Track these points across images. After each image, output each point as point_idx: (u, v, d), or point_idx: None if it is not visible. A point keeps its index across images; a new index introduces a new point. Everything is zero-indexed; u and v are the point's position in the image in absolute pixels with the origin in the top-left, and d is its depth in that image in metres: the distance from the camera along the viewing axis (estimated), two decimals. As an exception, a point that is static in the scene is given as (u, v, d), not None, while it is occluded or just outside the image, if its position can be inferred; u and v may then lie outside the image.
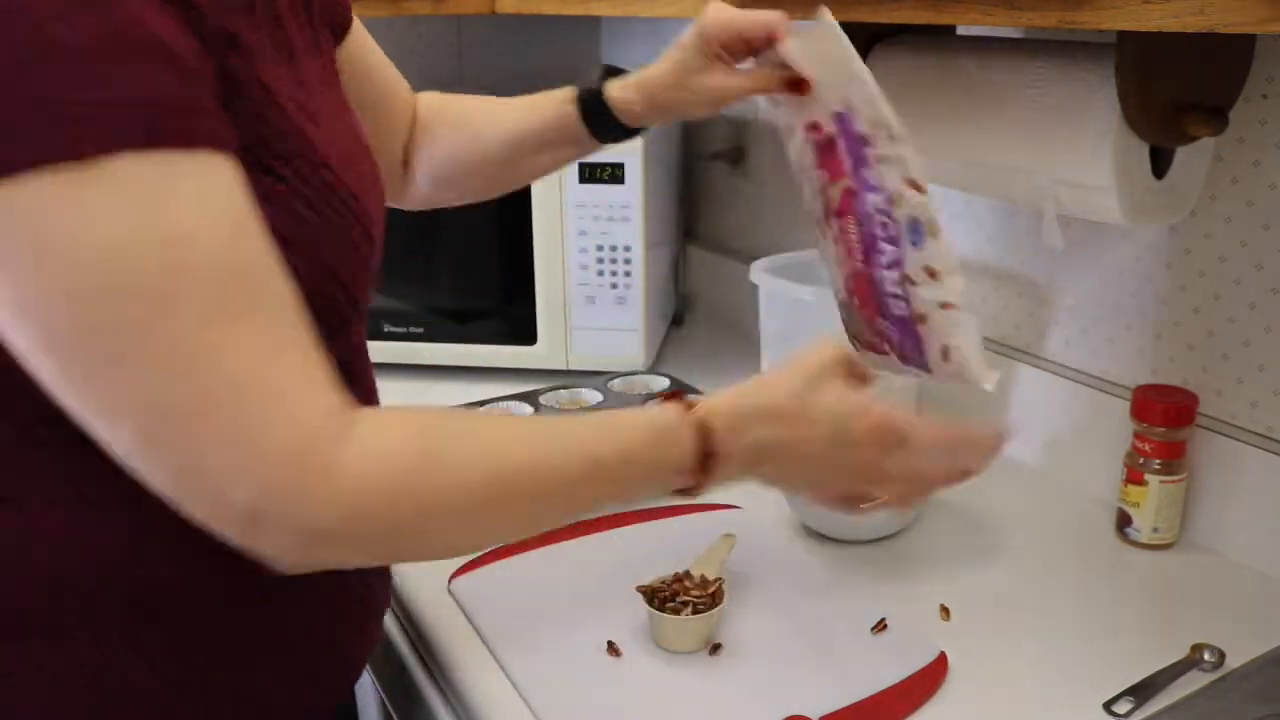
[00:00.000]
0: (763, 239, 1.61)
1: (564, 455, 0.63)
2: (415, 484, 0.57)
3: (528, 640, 0.86)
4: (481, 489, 0.60)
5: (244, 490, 0.53)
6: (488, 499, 0.60)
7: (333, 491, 0.54)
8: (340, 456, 0.55)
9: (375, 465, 0.56)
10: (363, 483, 0.55)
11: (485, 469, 0.60)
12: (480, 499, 0.60)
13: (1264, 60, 0.91)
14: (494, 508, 0.61)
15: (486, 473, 0.60)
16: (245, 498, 0.53)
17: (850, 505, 0.76)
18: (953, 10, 0.75)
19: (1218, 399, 1.00)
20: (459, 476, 0.59)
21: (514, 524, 0.64)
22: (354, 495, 0.55)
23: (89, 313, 0.50)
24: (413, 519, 0.58)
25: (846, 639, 0.86)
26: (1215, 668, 0.82)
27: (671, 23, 1.74)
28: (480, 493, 0.60)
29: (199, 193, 0.52)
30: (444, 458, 0.59)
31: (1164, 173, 0.89)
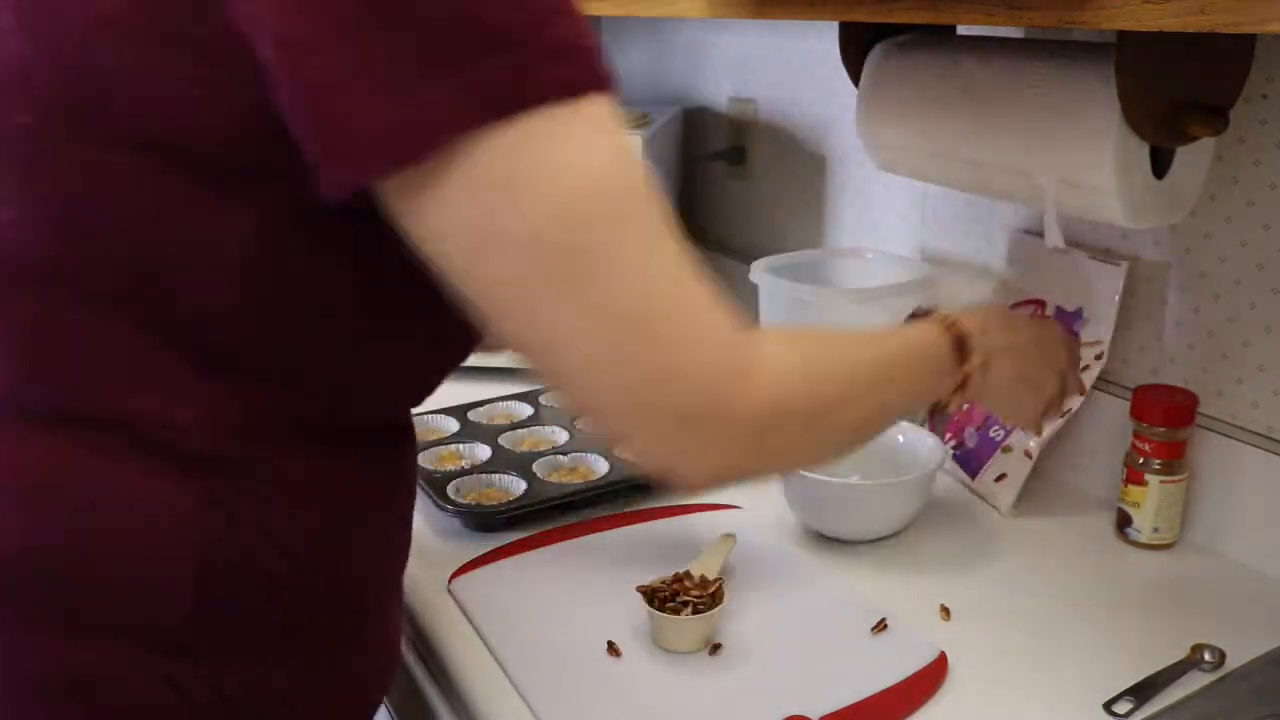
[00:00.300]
0: (763, 239, 1.61)
1: (888, 349, 0.75)
2: (819, 372, 0.67)
3: (528, 640, 0.86)
4: (857, 378, 0.70)
5: (691, 391, 0.58)
6: (866, 385, 0.70)
7: (762, 383, 0.61)
8: (760, 355, 0.62)
9: (787, 362, 0.64)
10: (784, 375, 0.63)
11: (853, 362, 0.70)
12: (861, 386, 0.70)
13: (1264, 60, 0.91)
14: (868, 395, 0.70)
15: (855, 365, 0.70)
16: (690, 400, 0.58)
17: (1049, 408, 0.89)
18: (953, 10, 0.75)
19: (1218, 399, 1.00)
20: (841, 370, 0.69)
21: (879, 413, 0.74)
22: (779, 386, 0.62)
23: (569, 235, 0.55)
24: (823, 406, 0.66)
25: (846, 639, 0.86)
26: (1215, 668, 0.82)
27: (671, 22, 1.74)
28: (861, 379, 0.70)
29: (621, 130, 0.59)
30: (823, 359, 0.68)
31: (1164, 173, 0.89)
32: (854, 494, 1.02)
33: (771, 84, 1.54)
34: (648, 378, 0.58)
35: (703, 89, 1.70)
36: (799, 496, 1.03)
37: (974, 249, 1.25)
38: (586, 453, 1.17)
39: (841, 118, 1.42)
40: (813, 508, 1.02)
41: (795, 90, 1.50)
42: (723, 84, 1.65)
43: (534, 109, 0.53)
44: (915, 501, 1.02)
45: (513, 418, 1.28)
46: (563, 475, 1.13)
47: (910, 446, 1.08)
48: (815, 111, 1.46)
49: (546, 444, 1.20)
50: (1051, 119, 0.89)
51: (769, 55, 1.54)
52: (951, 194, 1.26)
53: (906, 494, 1.01)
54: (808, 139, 1.49)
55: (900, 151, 1.08)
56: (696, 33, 1.69)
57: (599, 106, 0.56)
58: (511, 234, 0.54)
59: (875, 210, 1.38)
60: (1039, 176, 0.92)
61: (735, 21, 1.59)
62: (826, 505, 1.01)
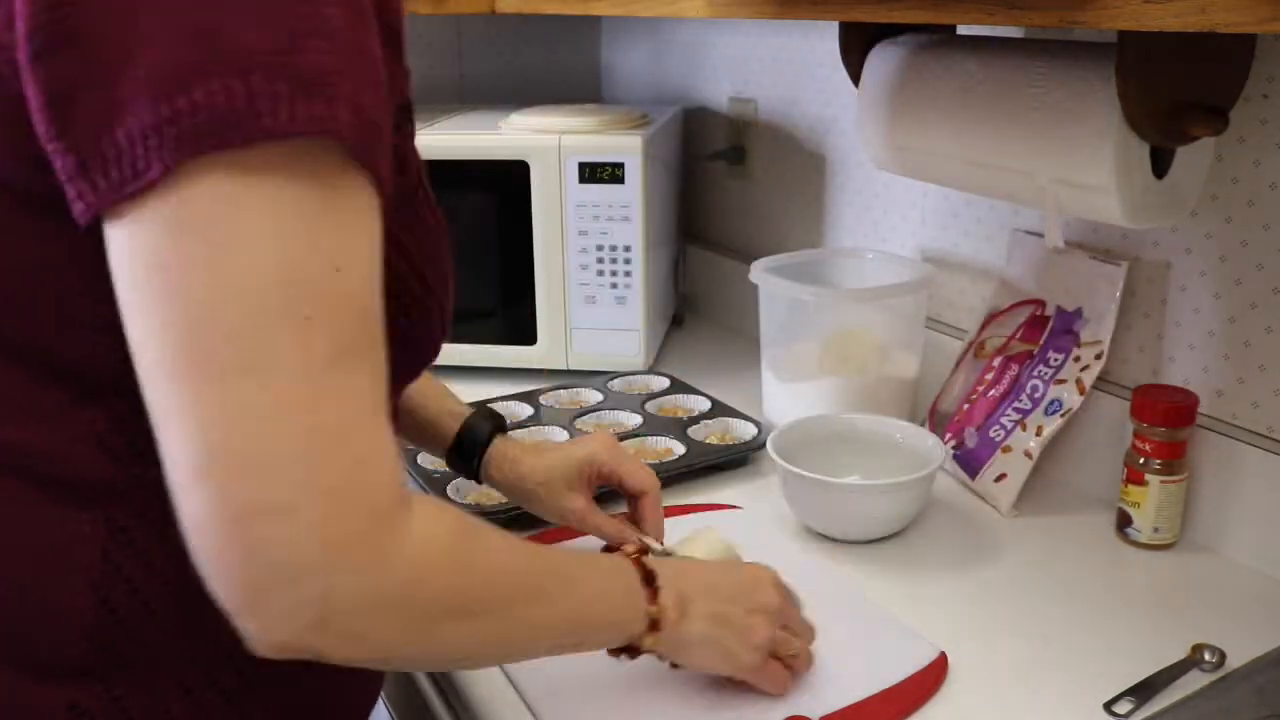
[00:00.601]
0: (763, 239, 1.61)
1: (562, 561, 0.69)
2: (467, 559, 0.59)
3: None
4: (512, 578, 0.62)
5: (310, 540, 0.51)
6: (516, 590, 0.62)
7: (395, 558, 0.54)
8: (408, 524, 0.55)
9: (436, 536, 0.57)
10: (427, 548, 0.56)
11: (515, 560, 0.63)
12: (511, 589, 0.62)
13: (1265, 60, 0.91)
14: (518, 602, 0.62)
15: (516, 564, 0.63)
16: (306, 554, 0.51)
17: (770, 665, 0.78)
18: (953, 10, 0.75)
19: (1218, 399, 1.00)
20: (496, 560, 0.62)
21: (527, 628, 0.64)
22: (419, 560, 0.55)
23: (240, 316, 0.49)
24: (461, 593, 0.59)
25: (846, 639, 0.86)
26: (1216, 668, 0.82)
27: (671, 23, 1.74)
28: (511, 582, 0.62)
29: (362, 228, 0.52)
30: (482, 542, 0.61)
31: (1164, 173, 0.89)
32: (854, 494, 1.02)
33: (771, 84, 1.54)
34: (246, 510, 0.49)
35: (703, 89, 1.70)
36: (799, 496, 1.03)
37: (974, 249, 1.25)
38: (586, 453, 1.17)
39: (841, 118, 1.42)
40: (813, 508, 1.02)
41: (795, 90, 1.50)
42: (723, 84, 1.65)
43: (258, 145, 0.48)
44: (915, 501, 1.02)
45: (513, 418, 1.28)
46: (563, 475, 1.13)
47: (910, 446, 1.08)
48: (815, 111, 1.46)
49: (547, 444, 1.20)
50: (1052, 119, 0.89)
51: (769, 55, 1.54)
52: (951, 194, 1.26)
53: (906, 494, 1.01)
54: (808, 139, 1.49)
55: (900, 151, 1.08)
56: (696, 33, 1.69)
57: (337, 165, 0.50)
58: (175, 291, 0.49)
59: (875, 210, 1.38)
60: (1039, 176, 0.92)
61: (735, 21, 1.59)
62: (826, 505, 1.01)
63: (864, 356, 1.21)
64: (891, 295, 1.21)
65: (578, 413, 1.28)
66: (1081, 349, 1.07)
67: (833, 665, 0.82)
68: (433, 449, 0.99)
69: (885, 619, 0.88)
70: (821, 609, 0.90)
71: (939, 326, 1.29)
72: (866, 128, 1.10)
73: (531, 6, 1.32)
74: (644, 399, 1.32)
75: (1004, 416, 1.10)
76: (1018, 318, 1.15)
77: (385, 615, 0.54)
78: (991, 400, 1.12)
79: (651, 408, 1.30)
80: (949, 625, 0.89)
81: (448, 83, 1.84)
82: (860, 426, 1.12)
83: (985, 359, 1.16)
